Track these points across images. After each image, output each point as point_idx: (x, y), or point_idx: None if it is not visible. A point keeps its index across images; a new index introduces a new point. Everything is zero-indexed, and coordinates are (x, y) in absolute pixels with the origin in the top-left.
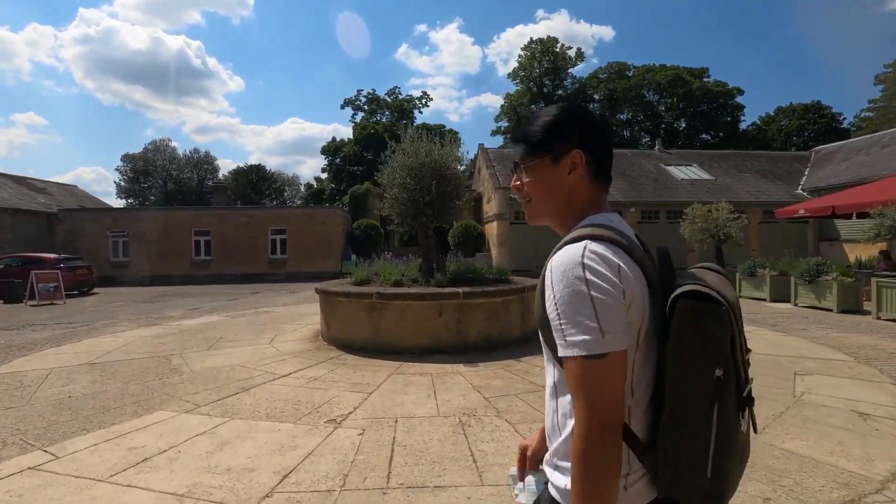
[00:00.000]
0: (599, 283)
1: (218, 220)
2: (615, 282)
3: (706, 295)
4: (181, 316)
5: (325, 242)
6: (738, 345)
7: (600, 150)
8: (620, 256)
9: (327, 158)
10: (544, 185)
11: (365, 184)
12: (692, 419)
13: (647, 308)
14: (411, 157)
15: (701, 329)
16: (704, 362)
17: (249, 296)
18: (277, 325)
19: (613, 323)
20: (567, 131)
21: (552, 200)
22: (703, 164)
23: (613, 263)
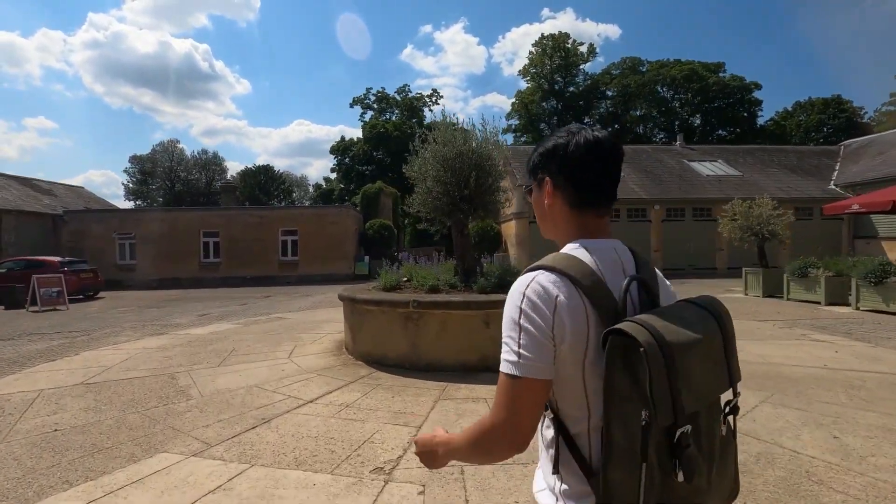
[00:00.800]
0: (530, 315)
1: (227, 220)
2: (546, 315)
3: (627, 333)
4: (189, 324)
5: (336, 243)
6: (674, 389)
7: (577, 178)
8: (563, 289)
9: (336, 158)
10: (536, 208)
11: (377, 182)
12: (622, 457)
13: (596, 337)
14: (447, 146)
15: (627, 366)
16: (632, 400)
17: (261, 300)
18: (294, 335)
19: (532, 353)
20: (544, 160)
21: (543, 223)
22: (728, 160)
23: (551, 296)
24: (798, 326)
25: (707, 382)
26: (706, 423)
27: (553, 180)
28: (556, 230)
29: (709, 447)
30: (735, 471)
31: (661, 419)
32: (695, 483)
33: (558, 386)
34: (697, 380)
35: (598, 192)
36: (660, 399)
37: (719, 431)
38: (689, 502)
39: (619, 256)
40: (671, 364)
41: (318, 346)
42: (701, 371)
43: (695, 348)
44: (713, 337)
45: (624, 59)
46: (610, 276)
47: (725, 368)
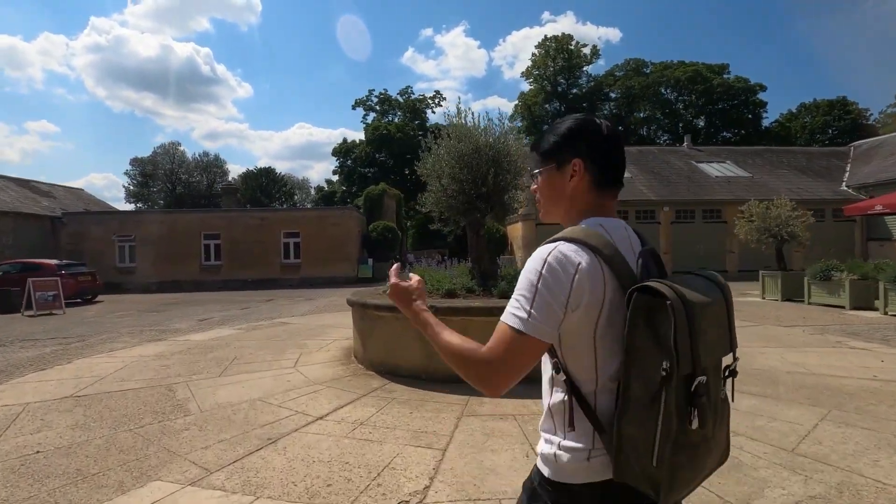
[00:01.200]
0: (548, 280)
1: (228, 222)
2: (564, 284)
3: (656, 290)
4: (189, 329)
5: (339, 245)
6: (694, 342)
7: (603, 160)
8: (584, 257)
9: (338, 160)
10: (550, 190)
11: (380, 184)
12: (640, 407)
13: (610, 303)
14: (462, 141)
15: (650, 322)
16: (652, 354)
17: (263, 304)
18: (299, 342)
19: (541, 315)
20: (570, 142)
21: (556, 204)
22: (736, 161)
23: (572, 264)
24: (829, 332)
25: (715, 343)
26: (713, 380)
27: (583, 160)
28: (570, 212)
29: (713, 402)
30: (727, 434)
31: (682, 368)
32: (705, 431)
33: (570, 349)
34: (709, 339)
35: (618, 173)
36: (682, 350)
37: (720, 389)
38: (698, 451)
39: (627, 234)
40: (692, 319)
41: (325, 353)
42: (711, 332)
43: (707, 310)
44: (720, 303)
45: (627, 61)
46: (624, 250)
47: (727, 333)
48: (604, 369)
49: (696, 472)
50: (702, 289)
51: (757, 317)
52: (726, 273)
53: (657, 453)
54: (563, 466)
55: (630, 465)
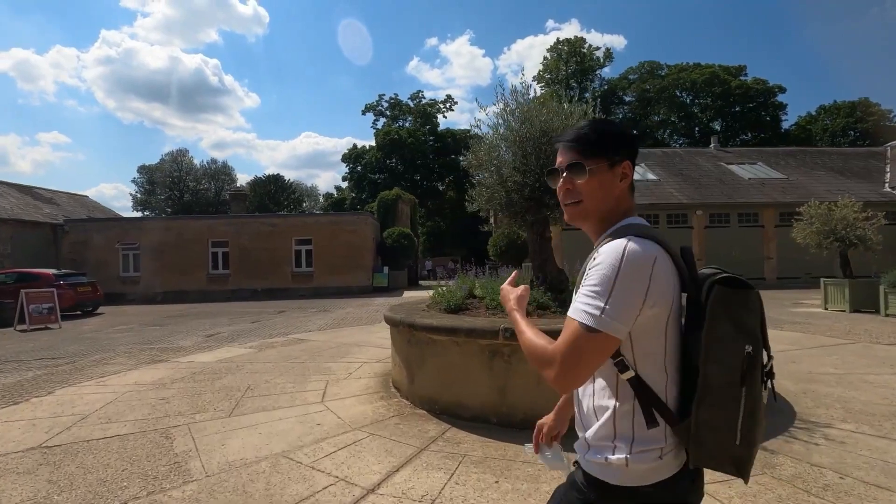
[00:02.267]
0: (627, 275)
1: (236, 229)
2: (643, 280)
3: (740, 281)
4: (194, 347)
5: (354, 253)
6: (764, 327)
7: (634, 164)
8: (658, 252)
9: (348, 166)
10: (600, 188)
11: (394, 189)
12: (725, 392)
13: (675, 299)
14: (526, 123)
15: (734, 311)
16: (737, 340)
17: (274, 316)
18: (322, 364)
19: (618, 312)
20: (623, 143)
21: (604, 203)
22: (768, 163)
23: (649, 257)
24: None
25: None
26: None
27: (630, 163)
28: (613, 213)
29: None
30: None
31: (763, 350)
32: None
33: (642, 346)
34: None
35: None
36: (763, 332)
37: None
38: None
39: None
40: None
41: (357, 382)
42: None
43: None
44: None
45: (642, 64)
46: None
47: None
48: (672, 362)
49: (761, 441)
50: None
51: (841, 332)
52: (764, 281)
53: (741, 432)
54: (635, 470)
55: (710, 448)
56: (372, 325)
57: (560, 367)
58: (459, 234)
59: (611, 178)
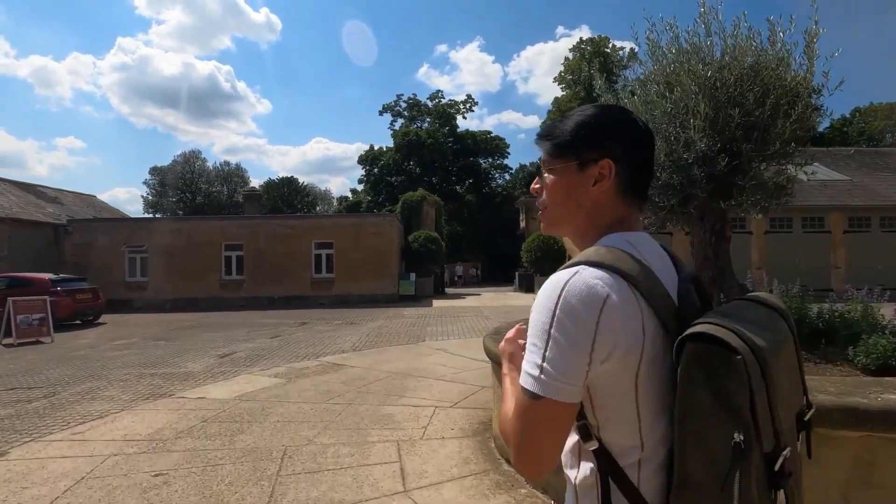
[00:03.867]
0: (564, 322)
1: (252, 231)
2: (586, 325)
3: (717, 338)
4: (205, 373)
5: (379, 258)
6: (773, 405)
7: (636, 163)
8: (615, 287)
9: (364, 168)
10: (564, 193)
11: (418, 190)
12: (700, 489)
13: (652, 346)
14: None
15: (713, 381)
16: (718, 422)
17: (296, 329)
18: (378, 409)
19: (558, 370)
20: (600, 137)
21: (570, 211)
22: (824, 163)
23: (597, 298)
24: None
25: (790, 395)
26: (792, 446)
27: (613, 163)
28: (586, 226)
29: (796, 473)
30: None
31: (764, 443)
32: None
33: (603, 409)
34: (783, 392)
35: (648, 179)
36: (762, 419)
37: (796, 449)
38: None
39: (661, 253)
40: (767, 375)
41: (443, 447)
42: (785, 382)
43: (779, 354)
44: (789, 341)
45: None
46: (661, 275)
47: (800, 377)
48: (649, 433)
49: None
50: (766, 324)
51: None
52: (830, 293)
53: None
54: None
55: None
56: (416, 345)
57: (513, 447)
58: (479, 239)
59: (579, 181)
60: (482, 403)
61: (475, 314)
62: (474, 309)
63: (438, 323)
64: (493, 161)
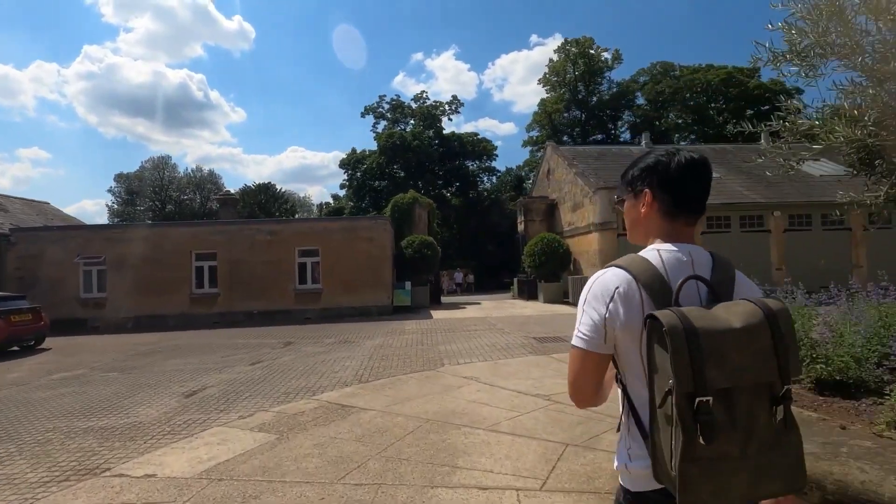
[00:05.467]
0: (590, 302)
1: (227, 238)
2: (601, 304)
3: (656, 317)
4: (161, 424)
5: (372, 266)
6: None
7: (672, 191)
8: (624, 281)
9: (346, 172)
10: (629, 216)
11: (409, 192)
12: (662, 417)
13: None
14: None
15: (661, 345)
16: (665, 372)
17: (280, 351)
18: (421, 492)
19: (589, 332)
20: (643, 174)
21: (634, 228)
22: (833, 159)
23: (611, 287)
24: None
25: (744, 367)
26: (745, 402)
27: (652, 192)
28: (645, 236)
29: (747, 423)
30: (796, 461)
31: (681, 387)
32: (720, 448)
33: (625, 364)
34: (731, 363)
35: (691, 202)
36: (680, 371)
37: (762, 413)
38: (717, 467)
39: (691, 258)
40: (694, 343)
41: None
42: (737, 356)
43: (728, 335)
44: (756, 330)
45: (653, 65)
46: (675, 274)
47: (774, 360)
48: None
49: (723, 488)
50: (734, 315)
51: None
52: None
53: (673, 461)
54: (635, 475)
55: (662, 468)
56: (436, 372)
57: (569, 387)
58: (467, 245)
59: (633, 206)
60: (589, 478)
61: (486, 327)
62: (481, 321)
63: (449, 340)
64: (481, 163)
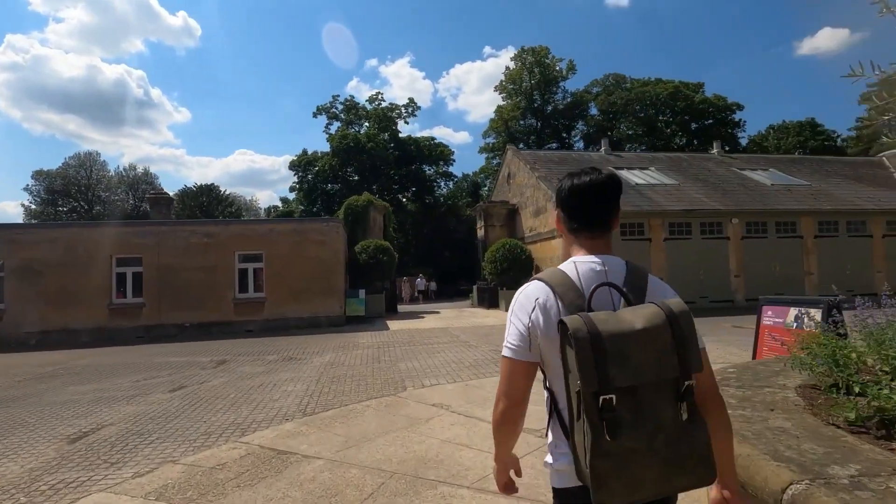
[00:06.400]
0: (516, 314)
1: (155, 241)
2: (525, 314)
3: (564, 322)
4: (25, 486)
5: (323, 272)
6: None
7: (569, 210)
8: (543, 293)
9: (297, 174)
10: (559, 230)
11: (364, 194)
12: (575, 417)
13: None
14: None
15: (569, 346)
16: (573, 374)
17: (212, 374)
18: None
19: (516, 341)
20: (556, 195)
21: (563, 243)
22: (780, 169)
23: (531, 300)
24: None
25: (646, 365)
26: (649, 398)
27: (558, 211)
28: (567, 249)
29: (652, 418)
30: (704, 455)
31: (586, 386)
32: (627, 443)
33: (548, 368)
34: (634, 361)
35: (584, 220)
36: (584, 371)
37: (667, 408)
38: (626, 461)
39: (605, 269)
40: (598, 346)
41: None
42: (639, 355)
43: (631, 337)
44: (658, 331)
45: (606, 76)
46: (588, 283)
47: (675, 357)
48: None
49: (634, 482)
50: (638, 317)
51: None
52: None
53: (585, 458)
54: (560, 472)
55: (580, 466)
56: (398, 397)
57: (500, 392)
58: (423, 251)
59: (558, 222)
60: None
61: (450, 340)
62: (443, 332)
63: (410, 355)
64: (438, 168)
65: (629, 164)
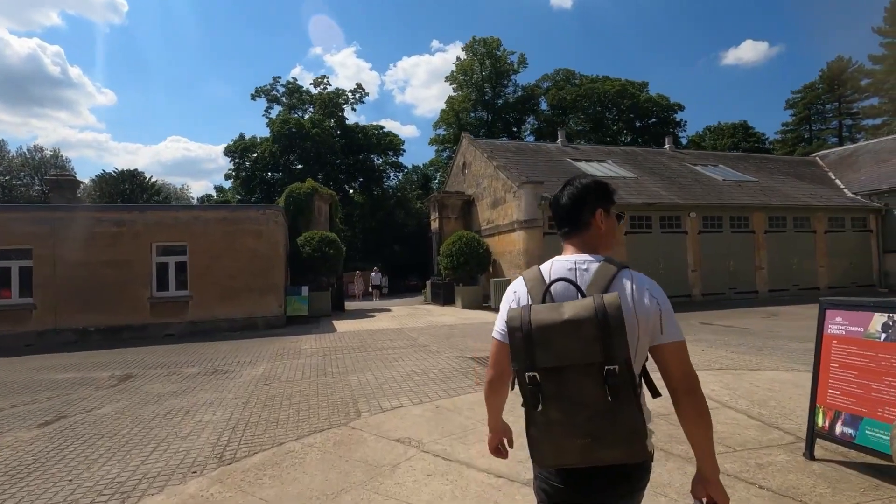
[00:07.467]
0: (504, 303)
1: (50, 230)
2: (507, 302)
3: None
4: None
5: (259, 267)
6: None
7: (553, 216)
8: (521, 287)
9: (233, 161)
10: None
11: (307, 181)
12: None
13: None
14: None
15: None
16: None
17: (108, 393)
18: None
19: (499, 325)
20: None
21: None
22: (728, 166)
23: (511, 290)
24: None
25: (570, 349)
26: (573, 379)
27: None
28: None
29: (575, 395)
30: (626, 434)
31: (516, 364)
32: (551, 415)
33: None
34: (558, 346)
35: (559, 225)
36: (517, 353)
37: (592, 389)
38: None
39: (575, 266)
40: (528, 333)
41: None
42: (562, 341)
43: (556, 325)
44: (583, 320)
45: (557, 71)
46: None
47: (598, 345)
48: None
49: (560, 448)
50: (567, 309)
51: None
52: (756, 295)
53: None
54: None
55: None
56: (352, 429)
57: (489, 368)
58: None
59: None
60: None
61: (407, 343)
62: (397, 333)
63: (362, 365)
64: (387, 158)
65: (587, 157)
